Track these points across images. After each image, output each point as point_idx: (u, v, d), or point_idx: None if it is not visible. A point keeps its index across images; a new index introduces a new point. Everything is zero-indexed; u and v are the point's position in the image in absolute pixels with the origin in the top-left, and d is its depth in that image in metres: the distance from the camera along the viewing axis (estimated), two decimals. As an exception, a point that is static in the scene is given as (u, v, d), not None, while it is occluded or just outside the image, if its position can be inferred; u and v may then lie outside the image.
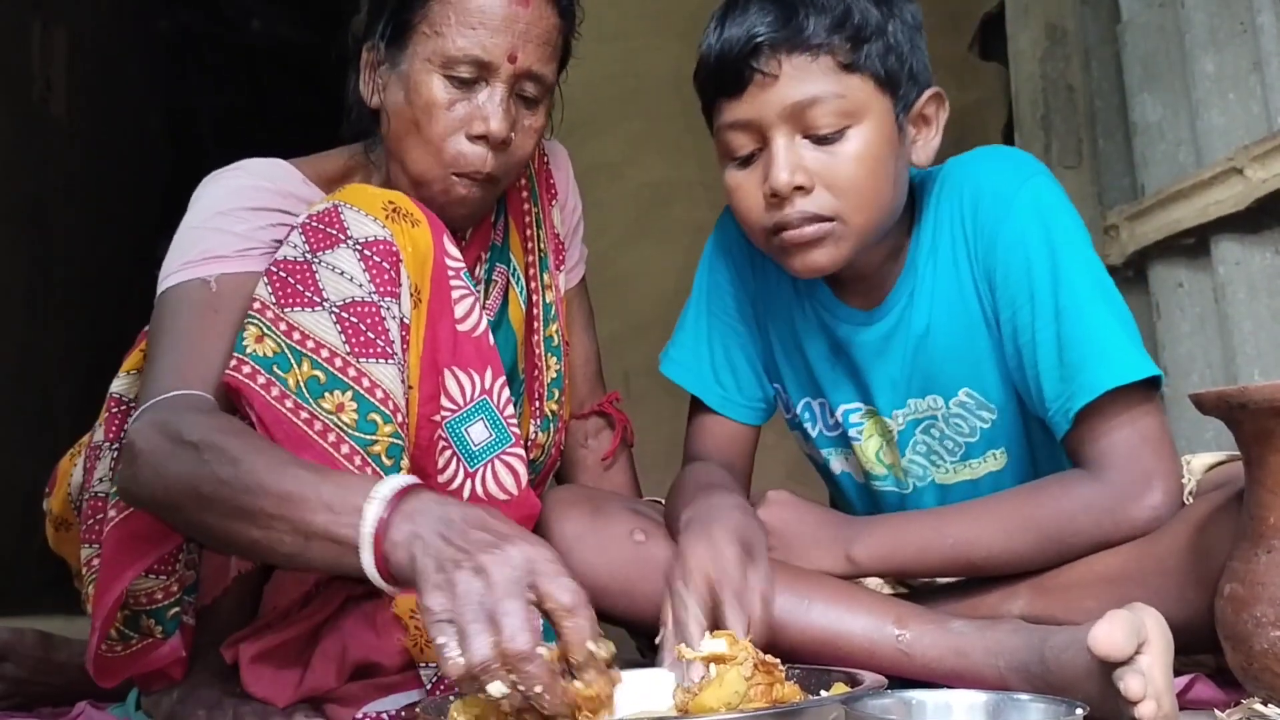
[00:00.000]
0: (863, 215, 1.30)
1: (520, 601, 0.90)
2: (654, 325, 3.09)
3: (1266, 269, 1.95)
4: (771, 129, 1.28)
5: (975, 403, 1.39)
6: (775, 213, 1.30)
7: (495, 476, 1.30)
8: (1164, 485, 1.26)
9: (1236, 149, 1.92)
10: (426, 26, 1.34)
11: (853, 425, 1.46)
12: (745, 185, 1.33)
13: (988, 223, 1.34)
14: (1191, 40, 2.06)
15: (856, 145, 1.28)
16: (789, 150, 1.28)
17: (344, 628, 1.27)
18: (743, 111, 1.29)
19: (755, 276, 1.51)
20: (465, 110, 1.34)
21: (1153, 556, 1.23)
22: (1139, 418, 1.27)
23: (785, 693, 0.98)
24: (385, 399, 1.19)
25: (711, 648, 0.99)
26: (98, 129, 4.13)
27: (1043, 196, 1.34)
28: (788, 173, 1.27)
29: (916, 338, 1.39)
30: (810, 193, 1.28)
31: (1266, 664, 1.02)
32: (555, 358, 1.54)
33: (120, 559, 1.19)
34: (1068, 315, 1.29)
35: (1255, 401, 1.02)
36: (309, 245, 1.22)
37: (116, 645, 1.25)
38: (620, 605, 1.34)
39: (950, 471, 1.44)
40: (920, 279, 1.39)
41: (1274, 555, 1.02)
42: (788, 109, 1.27)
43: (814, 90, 1.26)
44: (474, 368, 1.29)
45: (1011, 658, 1.17)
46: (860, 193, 1.29)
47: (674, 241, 3.18)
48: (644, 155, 3.17)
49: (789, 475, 1.66)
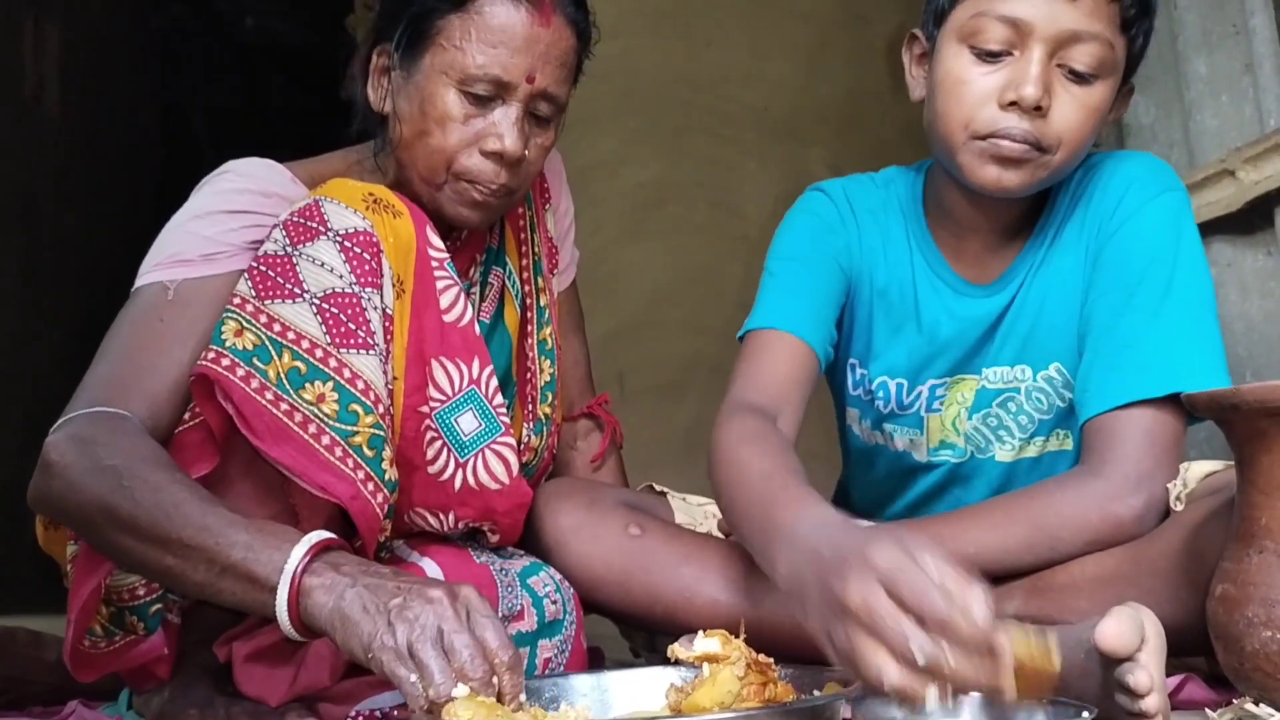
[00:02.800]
0: (1067, 158, 1.34)
1: (465, 634, 0.94)
2: (648, 324, 3.11)
3: (1259, 270, 1.96)
4: (1040, 42, 1.29)
5: (1061, 380, 1.42)
6: (1002, 119, 1.31)
7: (486, 465, 1.30)
8: (1151, 489, 1.28)
9: (1229, 151, 1.92)
10: (445, 39, 1.32)
11: (936, 399, 1.48)
12: (979, 80, 1.32)
13: (1122, 212, 1.38)
14: (1184, 42, 2.06)
15: (1097, 96, 1.31)
16: (1047, 69, 1.29)
17: None
18: (1022, 10, 1.28)
19: (879, 249, 1.48)
20: (480, 126, 1.33)
21: (1146, 558, 1.24)
22: (1159, 422, 1.29)
23: (778, 692, 0.98)
24: (366, 389, 1.18)
25: (704, 647, 0.99)
26: (90, 126, 4.12)
27: (1178, 210, 1.39)
28: (1041, 89, 1.28)
29: (1030, 308, 1.42)
30: (1045, 117, 1.30)
31: (1258, 664, 1.02)
32: (549, 361, 1.54)
33: (94, 555, 1.18)
34: (1152, 318, 1.32)
35: (1247, 403, 1.02)
36: (289, 239, 1.22)
37: (100, 641, 1.24)
38: (615, 598, 1.34)
39: (1015, 448, 1.46)
40: (1042, 254, 1.42)
41: (1265, 556, 1.03)
42: (1068, 33, 1.28)
43: (1097, 28, 1.28)
44: (461, 358, 1.29)
45: (1005, 658, 1.17)
46: (1078, 139, 1.32)
47: (668, 241, 3.19)
48: (639, 154, 3.17)
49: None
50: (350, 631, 0.98)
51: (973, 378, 1.46)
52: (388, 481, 1.20)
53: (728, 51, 3.27)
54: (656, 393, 2.75)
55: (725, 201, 3.09)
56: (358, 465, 1.17)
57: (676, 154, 3.26)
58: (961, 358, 1.46)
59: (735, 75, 3.24)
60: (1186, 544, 1.20)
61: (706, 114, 3.28)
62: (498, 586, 1.31)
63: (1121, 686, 1.01)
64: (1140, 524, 1.27)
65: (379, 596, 0.98)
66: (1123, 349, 1.33)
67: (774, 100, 3.25)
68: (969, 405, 1.46)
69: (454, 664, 0.93)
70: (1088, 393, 1.34)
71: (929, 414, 1.48)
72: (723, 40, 3.29)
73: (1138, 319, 1.33)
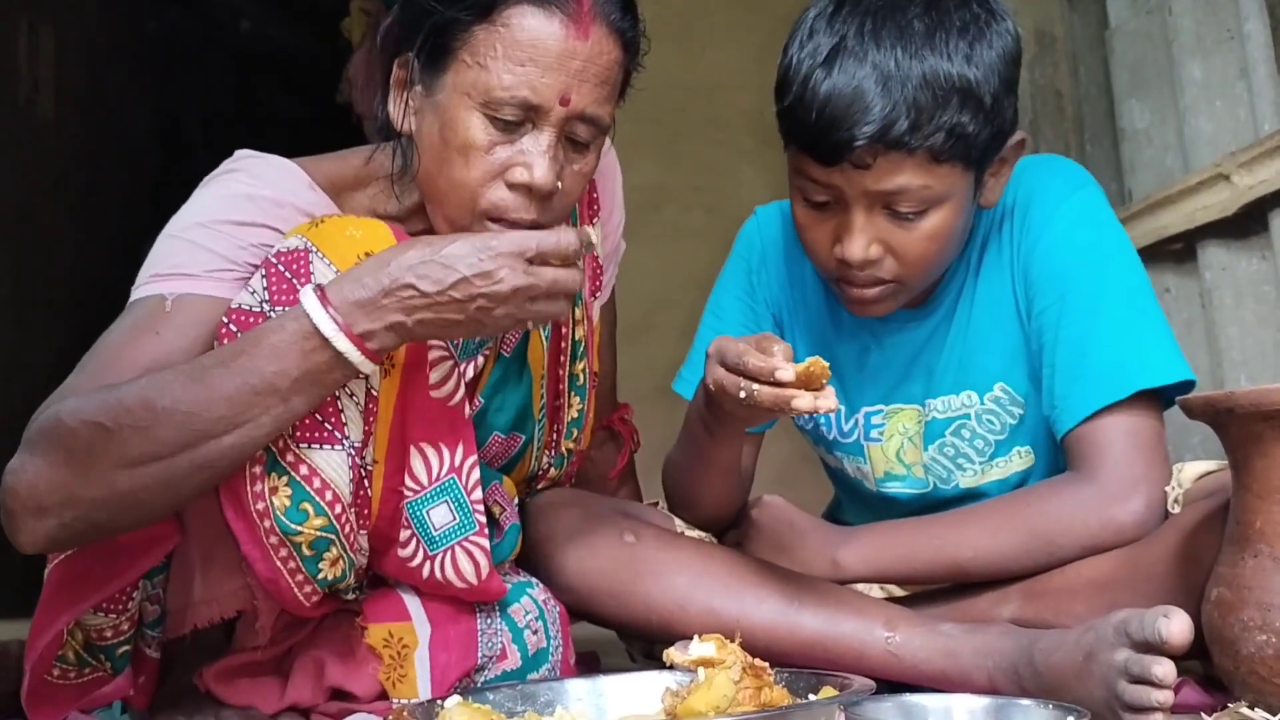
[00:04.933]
0: (924, 278, 1.35)
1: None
2: (645, 329, 3.10)
3: (1253, 274, 1.96)
4: (853, 203, 1.28)
5: (1008, 398, 1.41)
6: (842, 268, 1.32)
7: (455, 563, 1.22)
8: (1149, 491, 1.28)
9: (1223, 155, 1.93)
10: (468, 55, 1.16)
11: (873, 427, 1.47)
12: (815, 229, 1.33)
13: (1034, 225, 1.37)
14: (1179, 47, 2.07)
15: (934, 223, 1.29)
16: (867, 226, 1.28)
17: (319, 649, 1.24)
18: (826, 177, 1.28)
19: (787, 285, 1.51)
20: (506, 154, 1.18)
21: (1142, 562, 1.24)
22: (1137, 424, 1.29)
23: (773, 696, 0.98)
24: (323, 488, 1.12)
25: (700, 651, 0.99)
26: (85, 130, 4.11)
27: (1090, 206, 1.37)
28: (862, 249, 1.28)
29: (960, 333, 1.42)
30: (880, 262, 1.30)
31: (1253, 668, 1.02)
32: (579, 398, 1.46)
33: (57, 601, 1.15)
34: (1093, 320, 1.32)
35: (1242, 406, 1.02)
36: (269, 293, 1.13)
37: (70, 670, 1.21)
38: (610, 606, 1.34)
39: (978, 473, 1.44)
40: (968, 278, 1.42)
41: (1260, 560, 1.03)
42: (873, 193, 1.27)
43: (902, 182, 1.25)
44: (444, 441, 1.20)
45: (1000, 659, 1.17)
46: (928, 263, 1.32)
47: (665, 245, 3.18)
48: (635, 158, 3.14)
49: (778, 479, 1.66)
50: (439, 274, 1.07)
51: (911, 408, 1.44)
52: (321, 579, 1.16)
53: (724, 56, 3.28)
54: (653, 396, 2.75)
55: (721, 206, 3.09)
56: (289, 557, 1.14)
57: (672, 158, 3.25)
58: (893, 384, 1.45)
59: (731, 80, 3.24)
60: (1182, 548, 1.20)
61: (702, 118, 3.28)
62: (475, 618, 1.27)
63: (1141, 678, 1.01)
64: (1141, 527, 1.27)
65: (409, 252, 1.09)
66: (1078, 358, 1.32)
67: (770, 105, 3.23)
68: (913, 436, 1.45)
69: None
70: (1057, 409, 1.33)
71: (868, 443, 1.47)
72: (719, 45, 3.30)
73: (1083, 326, 1.32)
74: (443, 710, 0.97)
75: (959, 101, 1.23)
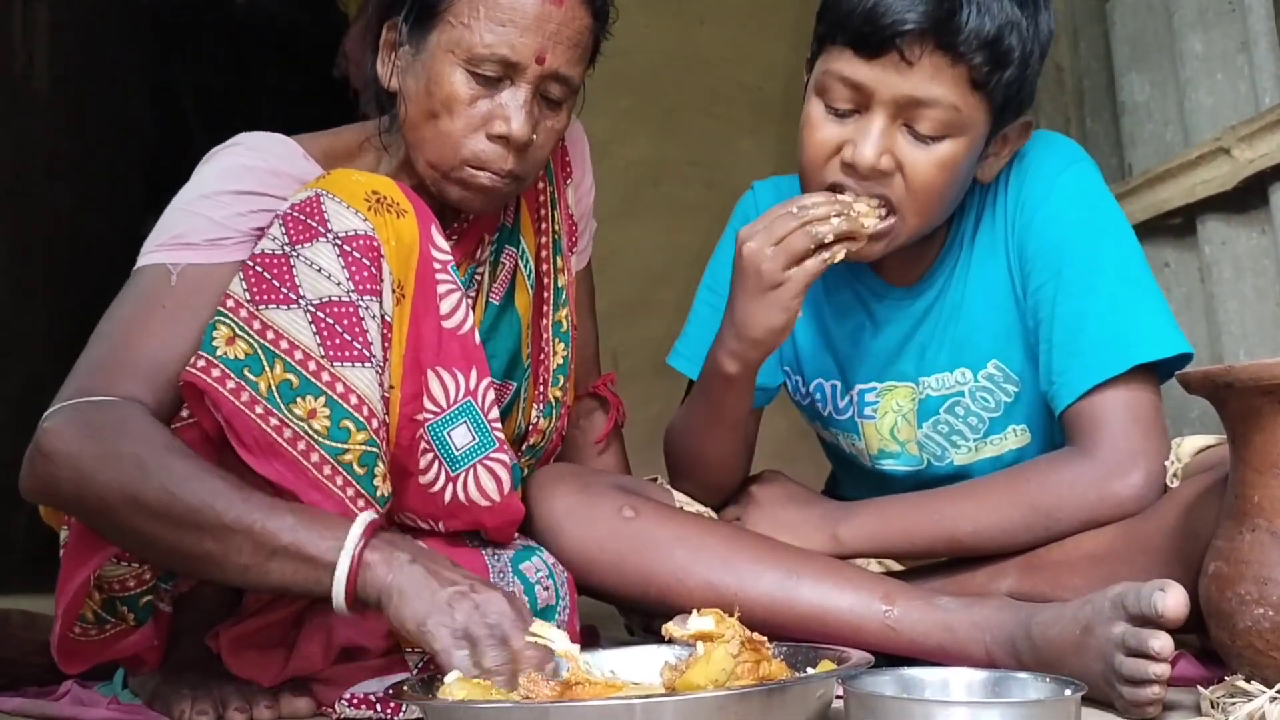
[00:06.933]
0: (921, 218, 1.32)
1: (522, 633, 1.03)
2: (642, 304, 3.10)
3: (1253, 249, 1.95)
4: (880, 105, 1.27)
5: (1002, 375, 1.41)
6: (844, 174, 1.29)
7: (478, 481, 1.28)
8: (1148, 465, 1.28)
9: (1224, 129, 1.92)
10: (453, 16, 1.28)
11: (868, 405, 1.46)
12: (826, 133, 1.31)
13: (1029, 201, 1.37)
14: (1180, 19, 2.05)
15: (947, 153, 1.28)
16: (886, 133, 1.27)
17: (327, 613, 1.23)
18: (862, 75, 1.27)
19: None
20: (487, 108, 1.29)
21: (1140, 536, 1.24)
22: (1135, 398, 1.29)
23: (772, 670, 0.99)
24: (360, 404, 1.17)
25: (699, 625, 1.00)
26: (80, 106, 4.08)
27: (1084, 181, 1.36)
28: (875, 154, 1.27)
29: (954, 310, 1.41)
30: (889, 179, 1.28)
31: (1249, 641, 1.02)
32: (563, 343, 1.51)
33: (83, 547, 1.17)
34: (1089, 295, 1.31)
35: (1241, 381, 1.02)
36: (288, 237, 1.19)
37: (91, 629, 1.23)
38: (609, 581, 1.34)
39: (972, 451, 1.44)
40: (962, 255, 1.41)
41: (1258, 534, 1.03)
42: (905, 98, 1.26)
43: (938, 93, 1.25)
44: (458, 367, 1.26)
45: (998, 633, 1.18)
46: (930, 196, 1.30)
47: (662, 220, 3.18)
48: (632, 133, 3.15)
49: (776, 455, 1.67)
50: (406, 604, 1.05)
51: (905, 385, 1.44)
52: (379, 498, 1.19)
53: (721, 30, 3.26)
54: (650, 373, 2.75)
55: (719, 181, 3.07)
56: (347, 483, 1.16)
57: (670, 133, 3.24)
58: (886, 361, 1.45)
59: (729, 54, 3.22)
60: (1180, 522, 1.20)
61: (700, 93, 3.26)
62: (489, 573, 1.30)
63: (1138, 652, 1.01)
64: (1140, 501, 1.27)
65: (437, 578, 1.06)
66: (1075, 334, 1.32)
67: (768, 79, 3.23)
68: (907, 414, 1.44)
69: (513, 646, 1.02)
70: (1055, 385, 1.33)
71: (863, 420, 1.47)
72: (716, 19, 3.28)
73: (1079, 301, 1.32)
74: (443, 685, 0.98)
75: (1015, 39, 1.24)
